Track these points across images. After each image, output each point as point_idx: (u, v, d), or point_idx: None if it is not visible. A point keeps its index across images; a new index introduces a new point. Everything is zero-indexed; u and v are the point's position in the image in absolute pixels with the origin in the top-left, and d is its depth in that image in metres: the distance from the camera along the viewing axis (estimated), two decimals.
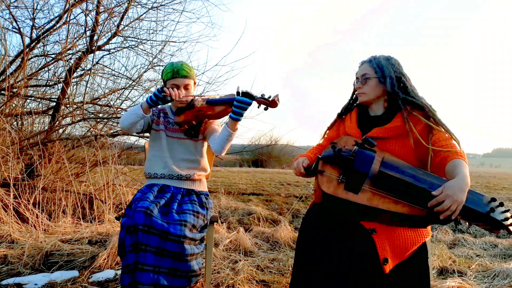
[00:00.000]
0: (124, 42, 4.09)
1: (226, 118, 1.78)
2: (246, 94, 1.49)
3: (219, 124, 1.84)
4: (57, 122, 3.78)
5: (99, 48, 3.97)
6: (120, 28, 3.94)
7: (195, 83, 1.76)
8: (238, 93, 1.51)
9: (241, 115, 1.52)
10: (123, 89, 4.13)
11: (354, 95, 1.61)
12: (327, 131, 1.68)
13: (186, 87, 1.68)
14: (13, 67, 3.63)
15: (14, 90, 3.50)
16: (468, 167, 1.25)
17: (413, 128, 1.35)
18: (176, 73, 1.66)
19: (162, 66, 4.09)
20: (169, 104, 1.80)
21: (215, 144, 1.66)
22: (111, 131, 3.83)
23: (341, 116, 1.65)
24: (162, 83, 1.77)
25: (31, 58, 3.88)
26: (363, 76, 1.48)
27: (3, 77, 3.45)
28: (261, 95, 1.48)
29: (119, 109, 3.99)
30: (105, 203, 3.27)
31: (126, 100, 4.15)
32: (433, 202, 1.14)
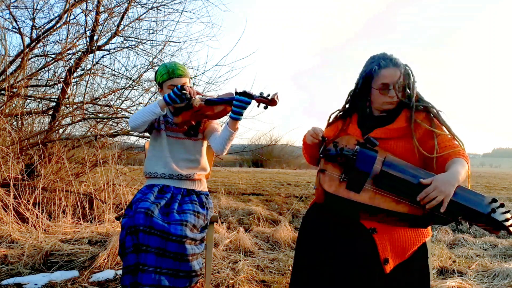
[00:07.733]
0: (124, 42, 4.10)
1: (225, 118, 1.76)
2: (245, 93, 1.48)
3: (218, 123, 1.84)
4: (57, 122, 3.78)
5: (99, 48, 3.97)
6: (120, 28, 3.94)
7: (190, 81, 1.76)
8: (236, 93, 1.50)
9: (241, 115, 1.52)
10: (123, 89, 4.13)
11: (354, 96, 1.52)
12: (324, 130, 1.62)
13: None
14: (13, 67, 3.63)
15: (14, 90, 3.49)
16: (466, 166, 1.24)
17: (416, 142, 1.34)
18: (172, 73, 1.65)
19: None
20: None
21: (216, 144, 1.66)
22: (111, 131, 3.83)
23: (341, 117, 1.61)
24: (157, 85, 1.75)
25: (31, 58, 3.88)
26: (398, 84, 1.37)
27: (3, 77, 3.45)
28: (260, 94, 1.48)
29: (119, 109, 3.99)
30: (105, 203, 3.27)
31: (126, 100, 4.16)
32: (422, 195, 1.15)
